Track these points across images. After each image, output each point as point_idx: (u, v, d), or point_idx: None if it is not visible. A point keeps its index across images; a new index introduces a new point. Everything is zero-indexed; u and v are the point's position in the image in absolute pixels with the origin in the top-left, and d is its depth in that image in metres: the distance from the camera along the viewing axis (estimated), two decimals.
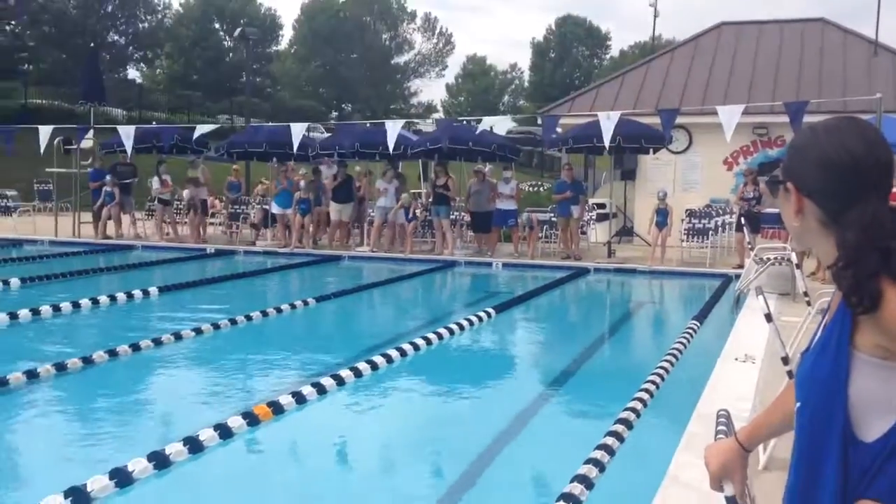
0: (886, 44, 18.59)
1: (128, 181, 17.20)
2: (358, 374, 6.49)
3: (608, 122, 13.17)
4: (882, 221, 1.36)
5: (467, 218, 16.23)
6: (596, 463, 4.41)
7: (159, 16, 49.19)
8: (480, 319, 9.01)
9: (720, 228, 14.91)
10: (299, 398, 5.75)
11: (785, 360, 4.25)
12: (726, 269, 13.19)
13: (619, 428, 5.02)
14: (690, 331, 8.20)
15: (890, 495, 1.34)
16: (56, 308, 8.93)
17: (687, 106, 16.37)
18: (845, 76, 17.63)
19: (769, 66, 18.61)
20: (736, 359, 6.32)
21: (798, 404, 1.48)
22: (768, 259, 10.26)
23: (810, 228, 1.48)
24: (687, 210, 15.43)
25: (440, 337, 7.99)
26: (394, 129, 14.84)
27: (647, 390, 5.89)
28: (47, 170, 19.27)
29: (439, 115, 55.15)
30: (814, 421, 1.43)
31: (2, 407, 5.76)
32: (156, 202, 17.38)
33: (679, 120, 16.00)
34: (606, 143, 13.24)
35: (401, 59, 63.80)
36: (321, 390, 5.99)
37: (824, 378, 1.41)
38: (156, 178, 16.83)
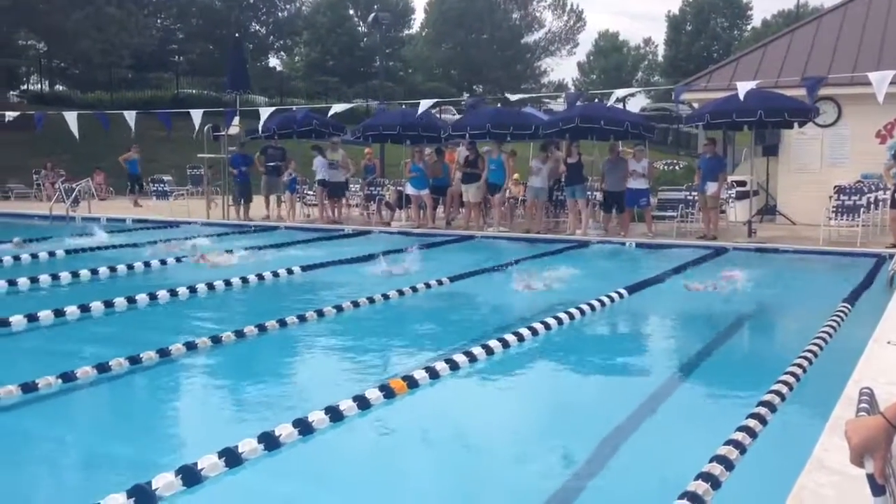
0: None
1: (277, 164, 18.11)
2: (489, 351, 6.60)
3: (746, 85, 13.19)
4: None
5: (599, 197, 16.00)
6: (736, 444, 4.32)
7: (297, 4, 51.04)
8: (612, 300, 8.92)
9: (872, 205, 14.04)
10: (433, 373, 5.91)
11: None
12: (879, 248, 12.42)
13: (762, 410, 4.88)
14: (840, 314, 7.80)
15: None
16: (210, 286, 9.54)
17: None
18: None
19: None
20: (889, 342, 5.97)
21: None
22: None
23: None
24: (836, 186, 14.60)
25: (571, 317, 7.98)
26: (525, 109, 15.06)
27: (792, 373, 5.68)
28: (198, 155, 20.51)
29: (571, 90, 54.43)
30: None
31: (166, 373, 6.29)
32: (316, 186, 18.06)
33: (827, 91, 15.15)
34: (741, 95, 13.06)
35: (531, 38, 63.29)
36: (454, 366, 6.14)
37: None
38: (318, 159, 17.64)
